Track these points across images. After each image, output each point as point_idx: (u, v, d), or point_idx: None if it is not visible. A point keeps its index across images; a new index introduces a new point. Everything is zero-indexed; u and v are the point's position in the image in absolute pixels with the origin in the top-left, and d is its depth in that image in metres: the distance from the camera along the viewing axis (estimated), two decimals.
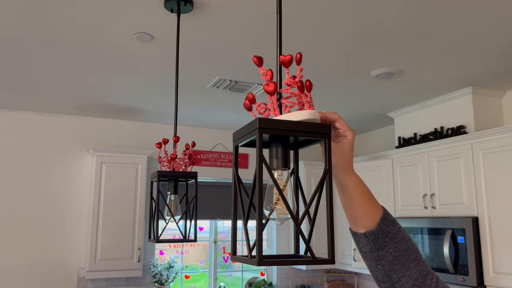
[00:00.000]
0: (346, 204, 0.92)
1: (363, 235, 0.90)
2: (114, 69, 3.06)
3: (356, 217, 0.90)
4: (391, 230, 0.90)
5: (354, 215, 0.91)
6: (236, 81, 3.28)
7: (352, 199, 0.90)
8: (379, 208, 0.91)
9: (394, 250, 0.89)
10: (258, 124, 0.72)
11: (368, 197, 0.91)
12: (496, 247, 3.02)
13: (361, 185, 0.91)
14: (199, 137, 4.91)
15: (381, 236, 0.89)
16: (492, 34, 2.48)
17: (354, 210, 0.90)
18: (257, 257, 0.69)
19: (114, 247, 4.03)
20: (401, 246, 0.90)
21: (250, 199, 0.79)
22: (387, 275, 0.90)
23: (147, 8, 2.18)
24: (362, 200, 0.90)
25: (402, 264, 0.90)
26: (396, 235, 0.90)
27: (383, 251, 0.89)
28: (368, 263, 0.93)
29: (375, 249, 0.89)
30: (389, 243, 0.89)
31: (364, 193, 0.91)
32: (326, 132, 0.77)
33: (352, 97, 3.70)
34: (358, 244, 0.92)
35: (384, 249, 0.89)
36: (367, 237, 0.90)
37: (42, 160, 4.25)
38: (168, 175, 1.79)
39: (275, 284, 5.00)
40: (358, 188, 0.91)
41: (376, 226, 0.89)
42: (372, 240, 0.89)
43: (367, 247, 0.90)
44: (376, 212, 0.91)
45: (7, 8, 2.18)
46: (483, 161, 3.18)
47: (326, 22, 2.33)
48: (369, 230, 0.89)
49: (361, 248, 0.92)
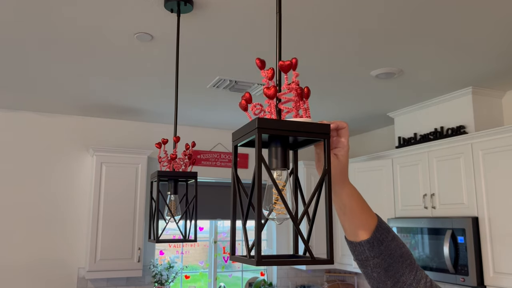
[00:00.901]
0: (342, 214, 0.93)
1: (358, 244, 0.92)
2: (114, 69, 3.06)
3: (351, 226, 0.92)
4: (386, 237, 0.92)
5: (350, 224, 0.92)
6: (236, 81, 3.28)
7: (348, 209, 0.91)
8: (374, 217, 0.93)
9: (389, 257, 0.91)
10: (258, 124, 0.72)
11: (363, 207, 0.93)
12: (496, 247, 3.02)
13: (356, 195, 0.92)
14: (199, 137, 4.91)
15: (376, 244, 0.91)
16: (492, 34, 2.48)
17: (350, 220, 0.92)
18: (256, 257, 0.69)
19: (114, 247, 4.03)
20: (396, 252, 0.92)
21: (249, 199, 0.79)
22: (383, 282, 0.93)
23: (147, 8, 2.18)
24: (358, 210, 0.92)
25: (396, 270, 0.92)
26: (390, 242, 0.92)
27: (379, 259, 0.91)
28: (364, 271, 0.95)
29: (371, 257, 0.91)
30: (384, 250, 0.91)
31: (359, 203, 0.92)
32: (325, 132, 0.77)
33: (352, 97, 3.70)
34: (354, 253, 0.94)
35: (379, 256, 0.91)
36: (363, 246, 0.91)
37: (42, 160, 4.25)
38: (168, 175, 1.79)
39: (275, 284, 5.00)
40: (354, 198, 0.92)
41: (372, 235, 0.91)
42: (368, 249, 0.91)
43: (362, 255, 0.92)
44: (371, 220, 0.92)
45: (7, 8, 2.18)
46: (483, 161, 3.18)
47: (326, 22, 2.33)
48: (365, 238, 0.91)
49: (357, 256, 0.94)
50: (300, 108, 0.80)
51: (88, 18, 2.29)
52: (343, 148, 0.88)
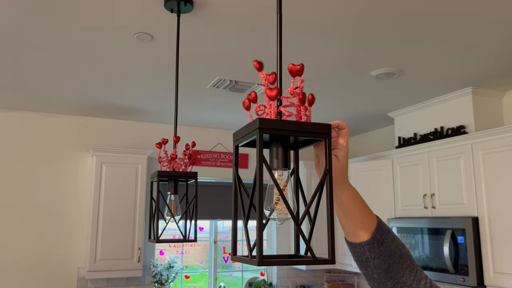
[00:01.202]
0: (342, 215, 0.93)
1: (359, 245, 0.92)
2: (114, 69, 3.06)
3: (352, 227, 0.92)
4: (386, 239, 0.92)
5: (350, 226, 0.92)
6: (236, 81, 3.28)
7: (348, 210, 0.92)
8: (374, 218, 0.93)
9: (389, 258, 0.91)
10: (259, 124, 0.72)
11: (364, 208, 0.93)
12: (496, 247, 3.02)
13: (356, 196, 0.93)
14: (199, 137, 4.91)
15: (376, 245, 0.91)
16: (492, 34, 2.48)
17: (350, 221, 0.92)
18: (257, 257, 0.69)
19: (114, 247, 4.03)
20: (396, 253, 0.92)
21: (251, 199, 0.79)
22: (383, 283, 0.93)
23: (147, 8, 2.18)
24: (358, 211, 0.92)
25: (396, 271, 0.92)
26: (390, 243, 0.92)
27: (379, 260, 0.91)
28: (364, 272, 0.95)
29: (371, 258, 0.91)
30: (384, 251, 0.91)
31: (359, 204, 0.92)
32: (326, 132, 0.77)
33: (352, 97, 3.70)
34: (354, 254, 0.94)
35: (379, 257, 0.91)
36: (363, 247, 0.91)
37: (42, 160, 4.25)
38: (168, 175, 1.79)
39: (275, 284, 5.00)
40: (354, 199, 0.92)
41: (372, 236, 0.91)
42: (368, 250, 0.91)
43: (363, 257, 0.92)
44: (371, 222, 0.92)
45: (7, 8, 2.18)
46: (483, 161, 3.18)
47: (326, 22, 2.33)
48: (365, 239, 0.91)
49: (357, 258, 0.94)
50: (302, 114, 0.80)
51: (88, 18, 2.29)
52: (342, 150, 0.88)
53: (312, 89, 3.47)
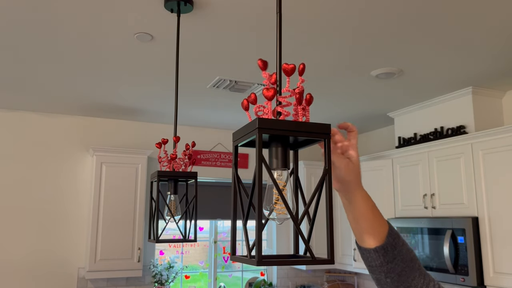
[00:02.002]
0: (354, 219, 0.92)
1: (373, 250, 0.91)
2: (114, 69, 3.06)
3: (365, 232, 0.92)
4: (398, 242, 0.92)
5: (363, 230, 0.92)
6: (236, 81, 3.28)
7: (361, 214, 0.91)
8: (385, 222, 0.93)
9: (401, 262, 0.91)
10: (258, 124, 0.72)
11: (376, 212, 0.92)
12: (496, 247, 3.02)
13: (369, 200, 0.92)
14: (199, 137, 4.91)
15: (390, 249, 0.91)
16: (492, 34, 2.48)
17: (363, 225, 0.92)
18: (256, 257, 0.69)
19: (114, 247, 4.03)
20: (407, 257, 0.92)
21: (250, 199, 0.79)
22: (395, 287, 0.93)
23: (147, 8, 2.18)
24: (371, 215, 0.91)
25: (409, 274, 0.92)
26: (402, 247, 0.92)
27: (393, 264, 0.91)
28: (377, 277, 0.94)
29: (385, 263, 0.91)
30: (397, 255, 0.91)
31: (372, 208, 0.92)
32: (326, 132, 0.77)
33: (352, 97, 3.70)
34: (366, 259, 0.93)
35: (393, 261, 0.91)
36: (377, 252, 0.91)
37: (42, 160, 4.25)
38: (168, 175, 1.79)
39: (275, 284, 5.00)
40: (367, 203, 0.92)
41: (385, 240, 0.91)
42: (382, 254, 0.91)
43: (377, 261, 0.92)
44: (383, 226, 0.92)
45: (7, 8, 2.18)
46: (483, 161, 3.18)
47: (326, 22, 2.33)
48: (379, 244, 0.91)
49: (370, 263, 0.93)
50: (299, 113, 0.80)
51: (88, 18, 2.29)
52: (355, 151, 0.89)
53: (312, 89, 3.48)
